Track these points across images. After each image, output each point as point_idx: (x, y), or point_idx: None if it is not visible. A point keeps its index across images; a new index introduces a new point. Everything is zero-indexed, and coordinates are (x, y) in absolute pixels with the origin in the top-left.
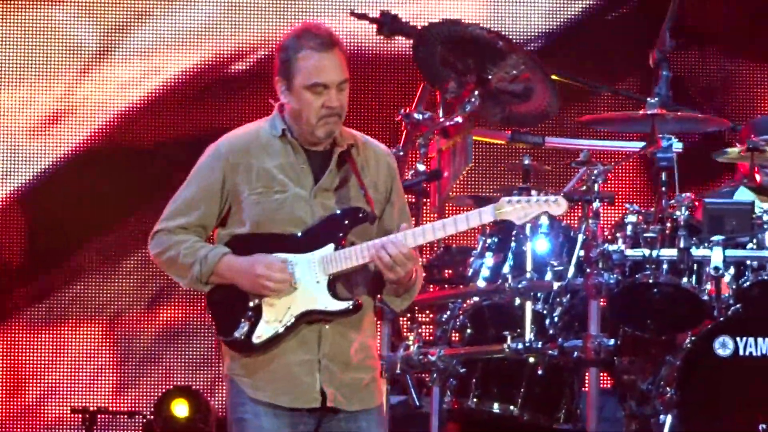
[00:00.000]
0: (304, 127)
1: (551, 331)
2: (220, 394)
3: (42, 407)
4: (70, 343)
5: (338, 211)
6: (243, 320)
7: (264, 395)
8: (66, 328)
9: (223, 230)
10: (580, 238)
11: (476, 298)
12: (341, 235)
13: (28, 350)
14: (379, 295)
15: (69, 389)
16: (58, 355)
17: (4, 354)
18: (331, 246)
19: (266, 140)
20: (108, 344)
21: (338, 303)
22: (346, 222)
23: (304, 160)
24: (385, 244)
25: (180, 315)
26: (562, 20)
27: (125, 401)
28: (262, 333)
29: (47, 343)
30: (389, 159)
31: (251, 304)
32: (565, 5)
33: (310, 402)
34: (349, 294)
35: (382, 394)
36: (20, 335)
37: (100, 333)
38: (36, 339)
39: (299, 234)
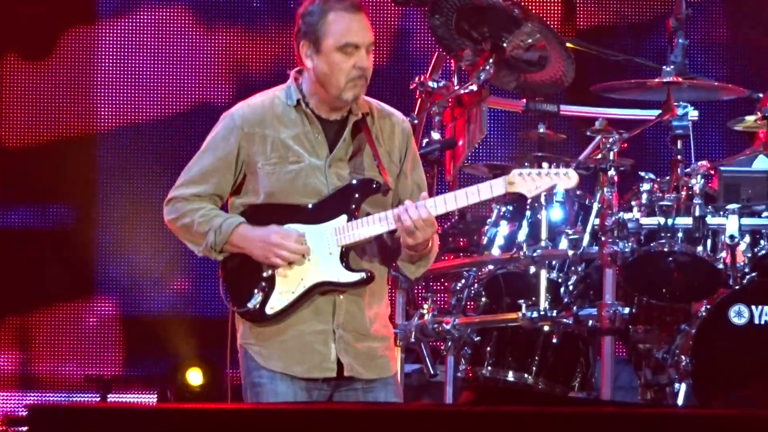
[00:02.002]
0: (331, 91)
1: (566, 300)
2: (235, 363)
3: (57, 374)
4: (88, 314)
5: (353, 182)
6: (256, 291)
7: (277, 365)
8: (82, 296)
9: (237, 199)
10: (595, 206)
11: (491, 267)
12: (354, 206)
13: (47, 322)
14: (394, 263)
15: (85, 356)
16: (77, 325)
17: (20, 324)
18: (344, 217)
19: (281, 110)
20: (122, 314)
21: (351, 274)
22: (359, 193)
23: (319, 130)
24: (408, 208)
25: (193, 286)
26: None
27: (140, 369)
28: (275, 304)
29: (67, 315)
30: (405, 125)
31: (265, 274)
32: None
33: (325, 372)
34: (361, 265)
35: (397, 363)
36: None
37: (115, 303)
38: (57, 311)
39: (312, 205)
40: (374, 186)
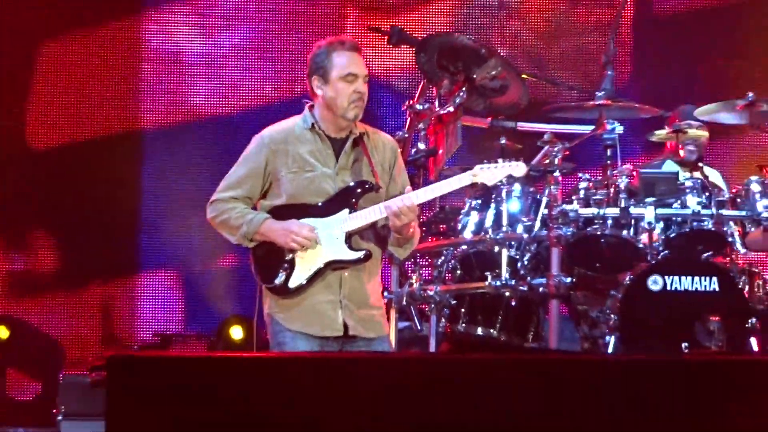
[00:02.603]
0: (337, 111)
1: (522, 272)
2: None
3: (131, 332)
4: (151, 283)
5: (350, 184)
6: (281, 271)
7: (298, 326)
8: (149, 272)
9: (264, 201)
10: (544, 200)
11: (464, 247)
12: (353, 201)
13: (117, 289)
14: (385, 249)
15: (151, 318)
16: (142, 292)
17: (98, 293)
18: (346, 210)
19: (299, 131)
20: (181, 283)
21: (354, 253)
22: (357, 192)
23: (329, 147)
24: (395, 200)
25: (236, 261)
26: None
27: (194, 327)
28: (296, 280)
29: (134, 283)
30: (393, 144)
31: (287, 258)
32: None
33: (335, 331)
34: (361, 246)
35: (389, 327)
36: (113, 278)
37: (175, 275)
38: (127, 281)
39: (322, 203)
40: (368, 186)
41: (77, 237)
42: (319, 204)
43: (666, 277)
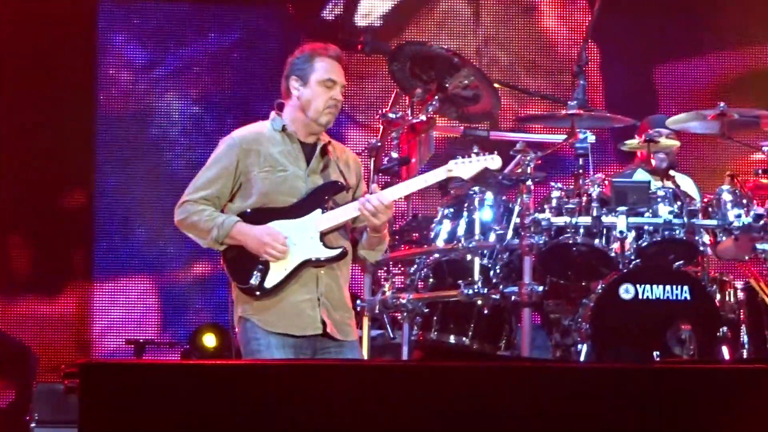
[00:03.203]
0: (311, 114)
1: (494, 280)
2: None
3: (102, 339)
4: (125, 290)
5: (319, 185)
6: (255, 272)
7: (277, 327)
8: (122, 279)
9: (232, 205)
10: (516, 208)
11: (437, 255)
12: (326, 200)
13: (91, 296)
14: (354, 256)
15: (124, 325)
16: (116, 299)
17: (72, 299)
18: (318, 210)
19: (270, 133)
20: (155, 291)
21: (330, 251)
22: (327, 192)
23: (299, 149)
24: (369, 198)
25: (209, 268)
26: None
27: (167, 334)
28: (272, 280)
29: (107, 290)
30: (356, 157)
31: (261, 259)
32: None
33: (315, 330)
34: (335, 245)
35: (357, 333)
36: (85, 285)
37: (149, 282)
38: (98, 287)
39: (293, 204)
40: (338, 185)
41: (50, 243)
42: (292, 205)
43: (638, 285)
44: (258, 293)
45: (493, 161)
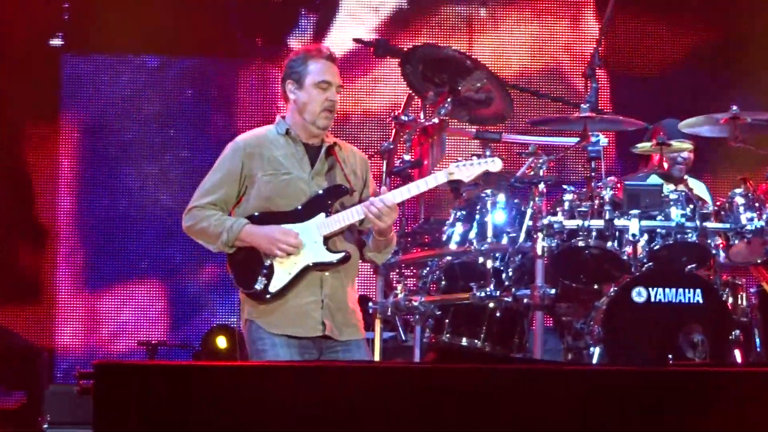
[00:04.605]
0: (307, 117)
1: (506, 283)
2: None
3: (115, 341)
4: (138, 293)
5: (323, 189)
6: (260, 276)
7: (281, 330)
8: (135, 281)
9: (238, 209)
10: (529, 211)
11: (449, 258)
12: (329, 204)
13: (105, 298)
14: (362, 257)
15: (137, 327)
16: (129, 301)
17: (87, 302)
18: (322, 214)
19: (273, 137)
20: (167, 293)
21: (333, 255)
22: (331, 196)
23: (303, 152)
24: (373, 201)
25: (220, 271)
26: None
27: (178, 336)
28: (276, 284)
29: (121, 293)
30: (363, 156)
31: (266, 263)
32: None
33: (316, 331)
34: (339, 248)
35: (364, 333)
36: (99, 287)
37: (162, 285)
38: (112, 289)
39: (299, 208)
40: (342, 189)
41: (62, 246)
42: (296, 209)
43: (650, 288)
44: (262, 298)
45: (494, 164)
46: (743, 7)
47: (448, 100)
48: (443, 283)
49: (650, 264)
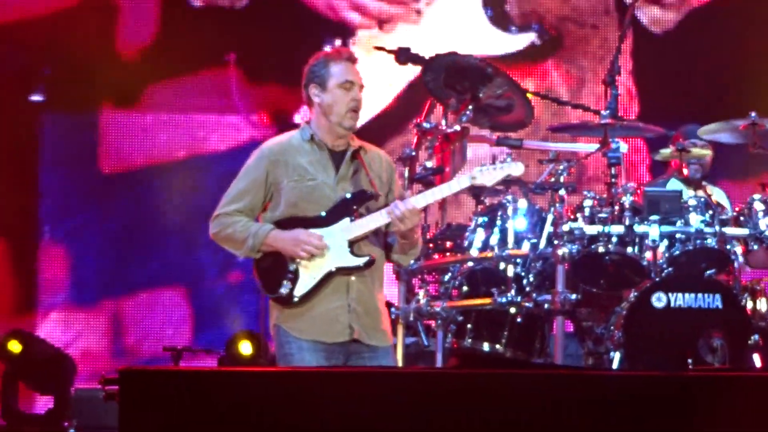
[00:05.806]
0: (333, 118)
1: (527, 289)
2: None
3: (140, 346)
4: (163, 298)
5: (348, 194)
6: (285, 281)
7: (308, 335)
8: (160, 288)
9: (265, 214)
10: (550, 217)
11: (471, 263)
12: (354, 209)
13: (129, 305)
14: (387, 257)
15: (162, 333)
16: (154, 307)
17: (109, 307)
18: (347, 219)
19: (298, 143)
20: (192, 299)
21: (357, 259)
22: (356, 201)
23: (328, 157)
24: (397, 204)
25: (244, 277)
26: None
27: (203, 342)
28: (301, 289)
29: (146, 299)
30: (388, 159)
31: (291, 268)
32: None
33: (344, 336)
34: (364, 253)
35: (392, 338)
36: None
37: (186, 291)
38: (137, 295)
39: (323, 213)
40: (367, 194)
41: (87, 252)
42: (320, 214)
43: (670, 294)
44: (288, 302)
45: (517, 167)
46: (763, 15)
47: (470, 107)
48: (465, 288)
49: (670, 269)
